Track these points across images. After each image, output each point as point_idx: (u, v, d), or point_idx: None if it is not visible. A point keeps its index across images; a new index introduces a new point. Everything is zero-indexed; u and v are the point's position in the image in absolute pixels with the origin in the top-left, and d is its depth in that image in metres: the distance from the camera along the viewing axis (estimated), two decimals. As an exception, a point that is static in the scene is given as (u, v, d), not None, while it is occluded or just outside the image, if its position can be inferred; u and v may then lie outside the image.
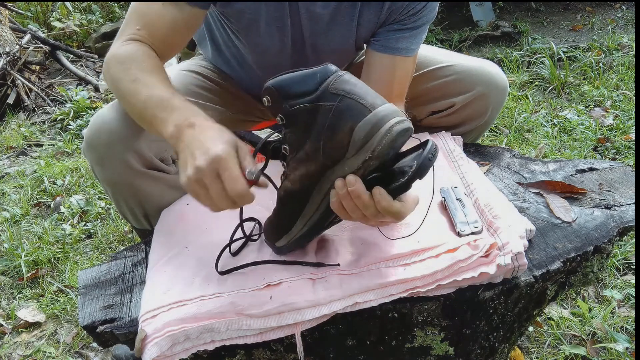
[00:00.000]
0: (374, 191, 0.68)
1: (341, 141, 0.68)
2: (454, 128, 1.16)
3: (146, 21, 0.92)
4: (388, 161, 0.69)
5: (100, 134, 0.97)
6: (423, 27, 1.01)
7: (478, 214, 0.85)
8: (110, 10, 4.24)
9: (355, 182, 0.68)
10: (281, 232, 0.80)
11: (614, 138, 2.08)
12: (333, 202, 0.71)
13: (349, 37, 1.02)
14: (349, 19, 0.99)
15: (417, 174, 0.66)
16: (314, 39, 1.02)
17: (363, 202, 0.68)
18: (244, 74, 1.20)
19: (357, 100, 0.68)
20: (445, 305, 0.77)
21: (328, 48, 1.04)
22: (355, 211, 0.70)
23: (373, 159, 0.67)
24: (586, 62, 2.72)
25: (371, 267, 0.78)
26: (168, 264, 0.86)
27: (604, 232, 0.85)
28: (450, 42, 3.30)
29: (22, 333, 1.53)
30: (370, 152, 0.66)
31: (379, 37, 1.01)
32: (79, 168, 2.34)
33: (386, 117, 0.66)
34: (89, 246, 1.86)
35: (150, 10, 0.92)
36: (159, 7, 0.92)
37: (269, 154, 0.78)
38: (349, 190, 0.68)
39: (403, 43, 1.00)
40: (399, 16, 0.98)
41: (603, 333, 1.29)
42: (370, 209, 0.69)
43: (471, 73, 1.11)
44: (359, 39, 1.04)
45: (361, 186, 0.68)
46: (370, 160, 0.67)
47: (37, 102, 3.18)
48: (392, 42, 1.00)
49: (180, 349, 0.74)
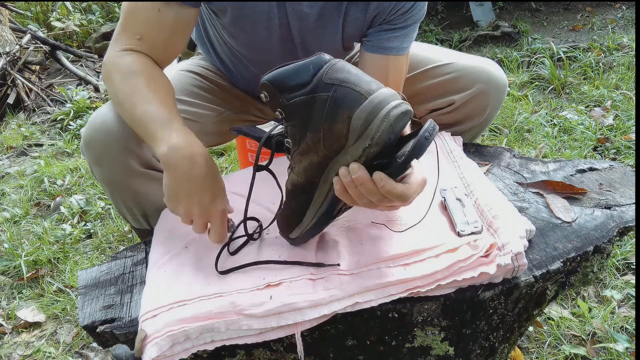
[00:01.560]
0: (374, 176, 0.68)
1: (340, 131, 0.68)
2: (454, 126, 1.16)
3: (145, 30, 0.93)
4: (390, 146, 0.69)
5: (98, 133, 0.97)
6: (413, 26, 1.01)
7: (478, 214, 0.85)
8: (110, 10, 4.24)
9: (358, 169, 0.68)
10: (293, 224, 0.81)
11: (614, 138, 2.08)
12: (337, 190, 0.72)
13: (336, 35, 1.03)
14: (336, 18, 1.00)
15: (413, 154, 0.66)
16: (302, 37, 1.03)
17: (368, 189, 0.69)
18: (239, 72, 1.20)
19: (352, 88, 0.68)
20: (445, 305, 0.77)
21: (316, 46, 1.04)
22: (361, 197, 0.71)
23: (373, 146, 0.67)
24: (586, 62, 2.72)
25: (371, 267, 0.78)
26: (168, 264, 0.86)
27: (604, 232, 0.85)
28: (450, 42, 3.30)
29: (22, 333, 1.53)
30: (370, 139, 0.66)
31: (370, 38, 1.02)
32: (79, 168, 2.34)
33: (382, 102, 0.66)
34: (89, 246, 1.86)
35: (147, 18, 0.92)
36: (155, 14, 0.92)
37: (272, 148, 0.79)
38: (352, 178, 0.69)
39: (394, 42, 1.01)
40: (387, 16, 0.99)
41: (603, 333, 1.29)
42: (375, 195, 0.70)
43: (470, 71, 1.11)
44: (347, 38, 1.04)
45: (364, 173, 0.68)
46: (370, 148, 0.67)
47: (37, 102, 3.18)
48: (384, 42, 1.01)
49: (180, 349, 0.74)
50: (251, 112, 1.30)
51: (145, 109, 0.86)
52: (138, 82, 0.89)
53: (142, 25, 0.93)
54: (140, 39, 0.93)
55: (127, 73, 0.90)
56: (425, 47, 1.20)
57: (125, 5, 0.94)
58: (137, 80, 0.89)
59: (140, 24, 0.93)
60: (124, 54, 0.92)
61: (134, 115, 0.87)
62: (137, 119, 0.87)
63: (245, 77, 1.21)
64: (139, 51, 0.93)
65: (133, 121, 0.89)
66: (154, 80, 0.91)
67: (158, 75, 0.93)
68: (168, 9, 0.92)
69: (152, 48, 0.94)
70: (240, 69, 1.18)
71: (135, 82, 0.89)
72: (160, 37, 0.94)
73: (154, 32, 0.93)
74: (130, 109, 0.88)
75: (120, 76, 0.90)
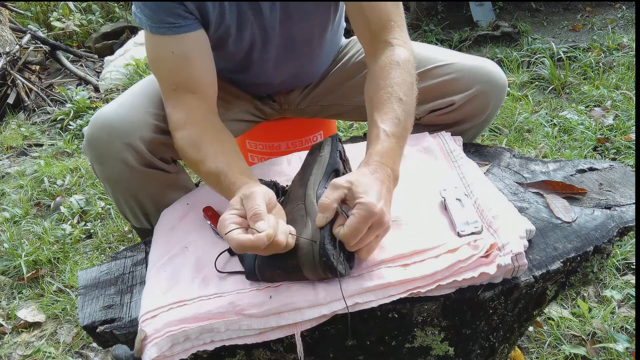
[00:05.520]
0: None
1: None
2: (453, 126, 1.16)
3: (173, 77, 0.97)
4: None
5: (101, 132, 0.97)
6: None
7: (478, 214, 0.85)
8: (110, 10, 4.25)
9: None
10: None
11: (614, 138, 2.08)
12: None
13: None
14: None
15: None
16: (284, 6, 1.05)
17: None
18: (235, 70, 1.20)
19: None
20: (445, 305, 0.77)
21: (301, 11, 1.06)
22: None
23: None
24: (586, 62, 2.72)
25: (372, 268, 0.78)
26: (168, 264, 0.86)
27: (604, 232, 0.85)
28: (450, 42, 3.29)
29: (22, 333, 1.53)
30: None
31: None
32: (79, 168, 2.34)
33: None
34: (89, 246, 1.86)
35: (168, 65, 0.97)
36: (171, 56, 0.96)
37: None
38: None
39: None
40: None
41: (603, 333, 1.29)
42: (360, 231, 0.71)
43: (470, 71, 1.11)
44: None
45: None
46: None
47: (37, 102, 3.18)
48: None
49: (180, 349, 0.74)
50: (254, 112, 1.31)
51: (208, 170, 0.88)
52: (196, 140, 0.92)
53: (169, 74, 0.97)
54: (176, 88, 0.96)
55: (179, 130, 0.94)
56: (425, 47, 1.20)
57: (151, 66, 1.00)
58: (195, 136, 0.92)
59: (166, 73, 0.97)
60: (172, 114, 0.96)
61: (204, 178, 0.93)
62: (206, 181, 0.92)
63: (243, 76, 1.22)
64: (182, 101, 0.96)
65: (207, 183, 0.94)
66: (204, 123, 0.95)
67: (207, 115, 0.97)
68: (178, 45, 0.95)
69: (190, 89, 0.96)
70: (233, 67, 1.19)
71: (194, 144, 0.92)
72: (186, 75, 0.96)
73: (182, 76, 0.96)
74: (200, 173, 0.93)
75: (188, 145, 0.92)
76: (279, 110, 1.36)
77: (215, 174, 0.86)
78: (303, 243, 0.72)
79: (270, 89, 1.30)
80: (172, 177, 1.06)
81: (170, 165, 1.05)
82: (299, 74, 1.26)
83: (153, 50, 0.99)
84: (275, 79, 1.23)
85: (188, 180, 1.13)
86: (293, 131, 1.49)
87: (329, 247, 0.71)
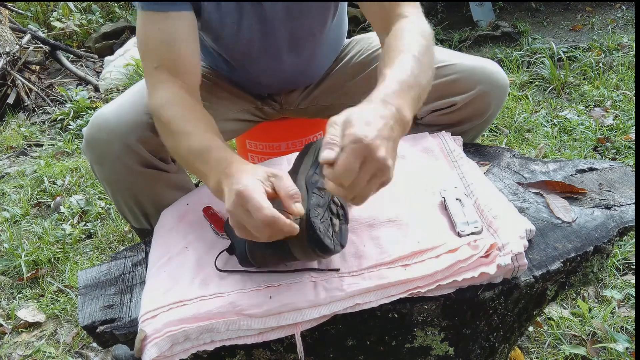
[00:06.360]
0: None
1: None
2: (454, 126, 1.16)
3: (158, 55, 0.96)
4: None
5: (100, 132, 0.97)
6: None
7: (478, 214, 0.85)
8: (110, 10, 4.24)
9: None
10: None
11: (614, 138, 2.08)
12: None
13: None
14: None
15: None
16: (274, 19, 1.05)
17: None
18: (235, 69, 1.20)
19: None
20: (445, 305, 0.77)
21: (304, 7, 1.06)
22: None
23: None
24: (586, 62, 2.72)
25: (372, 269, 0.78)
26: (168, 264, 0.86)
27: (604, 232, 0.85)
28: (450, 42, 3.29)
29: (22, 333, 1.53)
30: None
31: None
32: (79, 168, 2.34)
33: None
34: (89, 246, 1.86)
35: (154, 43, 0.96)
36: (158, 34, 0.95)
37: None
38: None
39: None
40: None
41: (603, 333, 1.29)
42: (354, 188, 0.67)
43: (472, 72, 1.11)
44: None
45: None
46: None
47: (37, 102, 3.18)
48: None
49: (180, 349, 0.74)
50: (253, 112, 1.30)
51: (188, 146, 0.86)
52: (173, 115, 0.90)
53: (154, 52, 0.96)
54: (158, 66, 0.95)
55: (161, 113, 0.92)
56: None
57: (138, 44, 0.99)
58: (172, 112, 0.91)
59: (151, 52, 0.96)
60: (152, 93, 0.95)
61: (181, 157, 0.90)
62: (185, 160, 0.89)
63: (241, 75, 1.22)
64: (164, 80, 0.95)
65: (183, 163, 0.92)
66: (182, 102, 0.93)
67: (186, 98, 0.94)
68: (165, 22, 0.94)
69: (172, 70, 0.95)
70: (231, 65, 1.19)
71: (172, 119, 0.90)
72: (169, 55, 0.95)
73: (165, 55, 0.95)
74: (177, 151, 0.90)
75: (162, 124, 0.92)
76: (280, 110, 1.36)
77: (197, 150, 0.84)
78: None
79: (271, 89, 1.30)
80: (172, 177, 1.06)
81: (169, 165, 1.05)
82: (300, 73, 1.25)
83: (142, 28, 0.98)
84: (276, 78, 1.23)
85: (188, 181, 1.13)
86: (293, 131, 1.49)
87: (315, 220, 0.70)
